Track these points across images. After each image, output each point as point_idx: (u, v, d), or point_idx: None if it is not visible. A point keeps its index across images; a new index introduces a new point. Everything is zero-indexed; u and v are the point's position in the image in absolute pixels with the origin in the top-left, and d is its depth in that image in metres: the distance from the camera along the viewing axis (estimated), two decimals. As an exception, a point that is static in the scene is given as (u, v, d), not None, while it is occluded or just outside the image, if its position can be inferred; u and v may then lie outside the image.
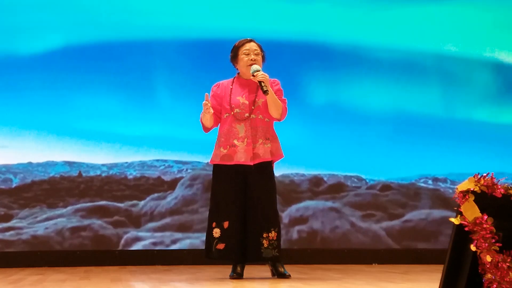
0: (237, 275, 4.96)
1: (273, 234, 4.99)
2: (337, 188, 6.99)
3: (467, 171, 6.69)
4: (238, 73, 5.15)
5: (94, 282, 4.76)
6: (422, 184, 7.12)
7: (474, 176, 3.10)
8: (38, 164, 6.63)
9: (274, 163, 5.15)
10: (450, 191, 7.08)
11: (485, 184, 3.08)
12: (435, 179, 7.14)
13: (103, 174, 6.71)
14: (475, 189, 3.06)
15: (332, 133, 6.91)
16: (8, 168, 6.59)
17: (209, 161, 5.18)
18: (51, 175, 6.65)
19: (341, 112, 6.98)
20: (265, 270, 5.73)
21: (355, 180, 7.05)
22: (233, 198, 5.01)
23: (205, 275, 5.39)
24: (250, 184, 5.02)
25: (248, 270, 5.20)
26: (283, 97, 5.08)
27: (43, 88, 6.63)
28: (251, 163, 4.97)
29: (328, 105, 6.94)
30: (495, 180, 3.09)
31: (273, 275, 5.06)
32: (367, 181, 7.05)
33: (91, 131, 6.67)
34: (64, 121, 6.64)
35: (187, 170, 6.84)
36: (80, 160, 6.67)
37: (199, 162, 6.85)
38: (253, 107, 5.02)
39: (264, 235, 4.97)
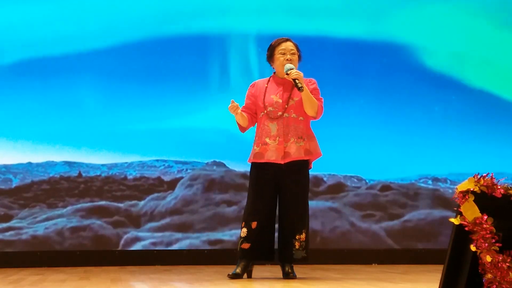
0: (235, 275, 4.96)
1: (303, 236, 4.99)
2: (337, 188, 6.99)
3: (467, 171, 6.69)
4: (274, 72, 5.13)
5: (94, 282, 4.76)
6: (422, 184, 7.12)
7: (474, 176, 3.10)
8: (38, 164, 6.63)
9: (312, 162, 5.12)
10: (450, 191, 7.08)
11: (485, 184, 3.08)
12: (435, 179, 7.14)
13: (103, 174, 6.71)
14: (475, 189, 3.06)
15: (332, 133, 6.90)
16: (8, 168, 6.59)
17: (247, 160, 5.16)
18: (51, 175, 6.64)
19: (341, 112, 6.98)
20: (265, 270, 5.73)
21: (355, 180, 7.05)
22: (263, 198, 4.99)
23: (205, 275, 5.39)
24: (282, 184, 5.01)
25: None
26: (319, 96, 5.06)
27: (43, 88, 6.62)
28: (282, 162, 4.96)
29: (328, 105, 6.93)
30: (495, 180, 3.09)
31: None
32: (367, 181, 7.05)
33: (91, 131, 6.66)
34: (64, 121, 6.63)
35: (187, 170, 6.84)
36: (80, 160, 6.67)
37: (199, 162, 6.85)
38: (286, 106, 4.99)
39: (297, 236, 4.97)
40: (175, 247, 6.68)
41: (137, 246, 6.63)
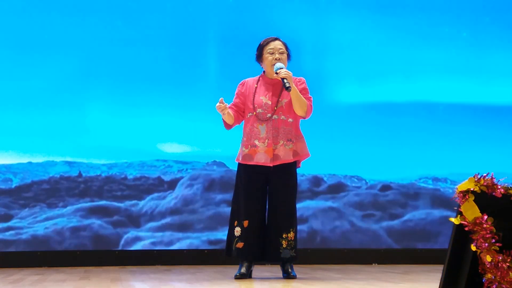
0: (241, 275, 4.95)
1: (291, 235, 4.98)
2: (337, 188, 6.99)
3: (467, 171, 6.68)
4: (264, 72, 5.12)
5: (94, 282, 4.76)
6: (422, 184, 7.12)
7: (474, 176, 3.10)
8: (38, 164, 6.63)
9: (301, 162, 5.12)
10: (450, 191, 7.08)
11: (485, 184, 3.08)
12: (435, 179, 7.14)
13: (103, 174, 6.71)
14: (475, 189, 3.06)
15: (332, 133, 6.91)
16: (8, 168, 6.59)
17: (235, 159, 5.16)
18: (51, 175, 6.64)
19: (341, 112, 6.98)
20: (265, 270, 5.73)
21: (355, 180, 7.05)
22: (254, 197, 5.00)
23: (205, 275, 5.39)
24: (271, 184, 5.02)
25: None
26: (308, 95, 5.04)
27: (43, 87, 6.62)
28: (271, 164, 4.96)
29: (328, 105, 6.94)
30: (495, 180, 3.09)
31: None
32: (367, 181, 7.05)
33: (91, 131, 6.67)
34: (64, 121, 6.63)
35: (187, 170, 6.84)
36: (80, 160, 6.67)
37: (199, 162, 6.85)
38: (275, 108, 4.98)
39: (284, 235, 4.97)
40: (175, 247, 6.68)
41: (137, 246, 6.63)
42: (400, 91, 7.14)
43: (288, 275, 4.98)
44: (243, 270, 4.98)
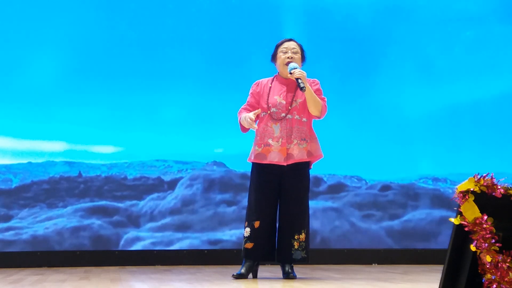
0: (238, 276, 4.95)
1: (303, 236, 4.98)
2: (337, 188, 6.99)
3: (467, 171, 6.69)
4: (278, 72, 5.12)
5: (94, 282, 4.76)
6: (422, 184, 7.12)
7: (474, 176, 3.10)
8: (38, 164, 6.63)
9: (313, 164, 5.12)
10: (450, 191, 7.08)
11: (485, 184, 3.08)
12: (435, 179, 7.15)
13: (103, 174, 6.71)
14: (475, 189, 3.06)
15: (332, 133, 6.91)
16: (8, 168, 6.59)
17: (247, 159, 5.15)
18: (51, 175, 6.64)
19: (341, 112, 6.98)
20: (266, 270, 5.73)
21: (355, 180, 7.05)
22: (266, 198, 4.99)
23: (205, 275, 5.39)
24: (283, 184, 5.01)
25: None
26: (322, 96, 5.06)
27: (44, 88, 6.62)
28: (284, 164, 4.96)
29: (328, 105, 6.94)
30: (495, 180, 3.09)
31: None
32: (367, 181, 7.05)
33: (91, 131, 6.67)
34: (65, 121, 6.63)
35: (187, 170, 6.84)
36: (80, 160, 6.67)
37: (199, 162, 6.85)
38: (290, 107, 4.99)
39: (296, 236, 4.97)
40: (175, 247, 6.68)
41: (137, 246, 6.63)
42: (400, 91, 7.14)
43: (288, 276, 4.97)
44: (243, 270, 4.98)
